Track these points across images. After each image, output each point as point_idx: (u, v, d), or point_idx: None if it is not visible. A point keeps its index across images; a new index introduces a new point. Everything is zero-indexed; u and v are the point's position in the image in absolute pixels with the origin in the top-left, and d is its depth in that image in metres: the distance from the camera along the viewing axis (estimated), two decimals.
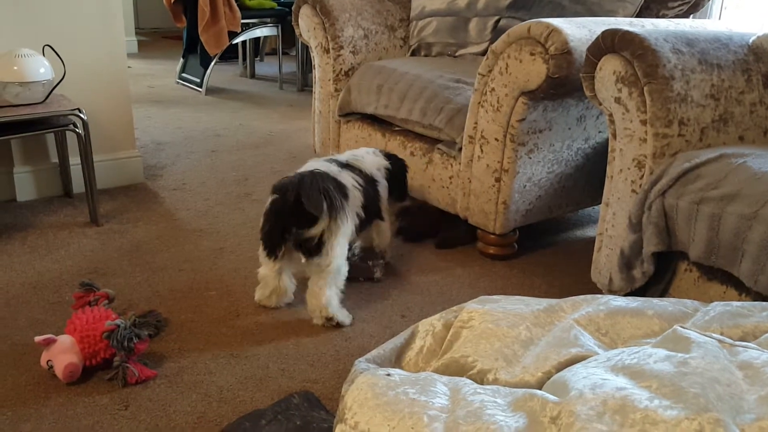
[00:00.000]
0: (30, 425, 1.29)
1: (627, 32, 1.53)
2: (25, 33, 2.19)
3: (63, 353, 1.39)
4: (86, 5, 2.28)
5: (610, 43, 1.55)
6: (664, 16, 2.26)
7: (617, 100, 1.56)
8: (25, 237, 2.06)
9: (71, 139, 2.30)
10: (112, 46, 2.37)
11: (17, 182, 2.32)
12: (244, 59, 4.90)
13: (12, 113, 1.97)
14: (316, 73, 2.58)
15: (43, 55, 2.08)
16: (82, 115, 2.04)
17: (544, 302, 1.14)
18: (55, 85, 2.08)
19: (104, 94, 2.39)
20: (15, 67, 2.01)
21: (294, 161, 2.91)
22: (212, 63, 4.14)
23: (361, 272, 1.89)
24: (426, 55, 2.59)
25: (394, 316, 1.73)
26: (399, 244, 2.12)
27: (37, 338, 1.41)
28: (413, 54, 2.62)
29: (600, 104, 1.63)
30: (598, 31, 1.62)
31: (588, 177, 2.10)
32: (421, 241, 2.16)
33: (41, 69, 2.05)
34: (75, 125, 2.07)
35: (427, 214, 2.22)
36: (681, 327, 0.94)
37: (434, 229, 2.18)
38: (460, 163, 2.04)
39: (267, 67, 5.23)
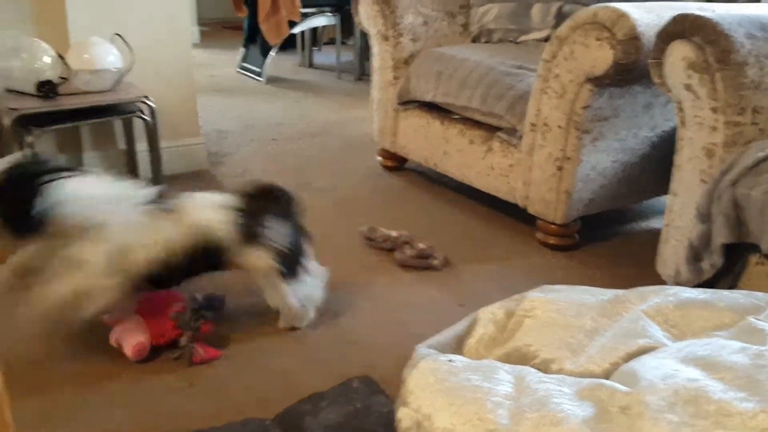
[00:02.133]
0: (100, 399, 1.34)
1: (699, 17, 1.48)
2: (96, 22, 2.25)
3: (132, 332, 1.44)
4: None
5: (680, 28, 1.50)
6: (734, 1, 2.18)
7: (687, 87, 1.51)
8: None
9: (138, 125, 2.36)
10: (178, 34, 2.43)
11: (86, 167, 2.40)
12: (302, 49, 4.94)
13: (83, 100, 2.04)
14: (375, 62, 2.58)
15: (113, 43, 2.14)
16: (150, 102, 2.10)
17: (609, 293, 1.12)
18: (124, 73, 2.14)
19: (170, 82, 2.45)
20: (86, 55, 2.08)
21: (351, 150, 2.93)
22: (272, 53, 4.19)
23: (420, 261, 1.89)
24: (487, 42, 2.56)
25: (452, 304, 1.72)
26: (455, 232, 2.11)
27: (107, 317, 1.46)
28: (474, 41, 2.60)
29: (669, 91, 1.58)
30: (667, 15, 1.57)
31: (653, 166, 2.05)
32: None
33: (110, 57, 2.11)
34: (142, 112, 2.13)
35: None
36: (755, 319, 0.91)
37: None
38: (520, 151, 2.01)
39: (324, 56, 5.27)
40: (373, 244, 2.01)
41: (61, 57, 2.10)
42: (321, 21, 4.50)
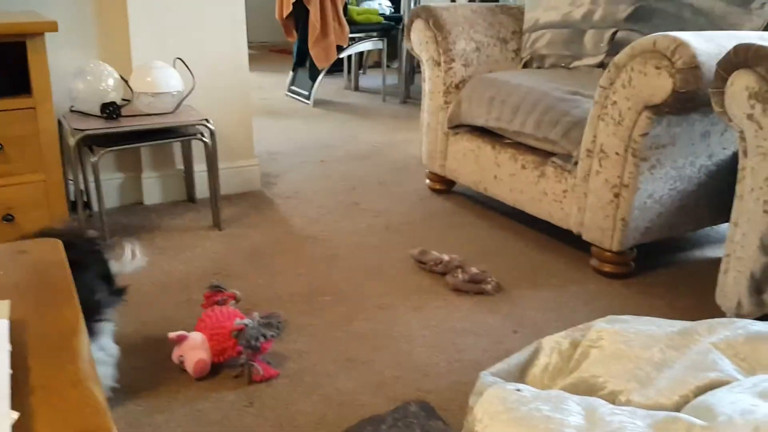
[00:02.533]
0: (163, 416, 1.37)
1: (762, 47, 1.47)
2: (158, 47, 2.33)
3: (194, 349, 1.47)
4: (213, 20, 2.41)
5: (743, 57, 1.49)
6: None
7: (749, 117, 1.50)
8: (152, 238, 2.19)
9: (196, 146, 2.43)
10: (236, 58, 2.49)
11: (145, 186, 2.47)
12: (349, 72, 5.01)
13: (145, 122, 2.11)
14: (426, 86, 2.61)
15: (174, 67, 2.21)
16: (210, 125, 2.15)
17: (677, 324, 1.12)
18: (185, 96, 2.20)
19: (227, 105, 2.52)
20: (148, 78, 2.15)
21: (399, 172, 2.95)
22: (320, 76, 4.26)
23: (472, 285, 1.89)
24: (539, 67, 2.57)
25: (506, 330, 1.72)
26: (508, 257, 2.11)
27: (171, 334, 1.50)
28: (525, 66, 2.61)
29: (730, 121, 1.57)
30: (727, 45, 1.56)
31: (710, 195, 2.02)
32: None
33: (172, 80, 2.18)
34: (202, 134, 2.19)
35: None
36: None
37: None
38: (575, 177, 2.01)
39: (370, 79, 5.33)
40: (424, 267, 2.02)
41: (124, 80, 2.17)
42: (368, 45, 4.56)
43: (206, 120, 2.15)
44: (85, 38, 2.31)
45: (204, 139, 2.18)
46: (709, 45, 1.71)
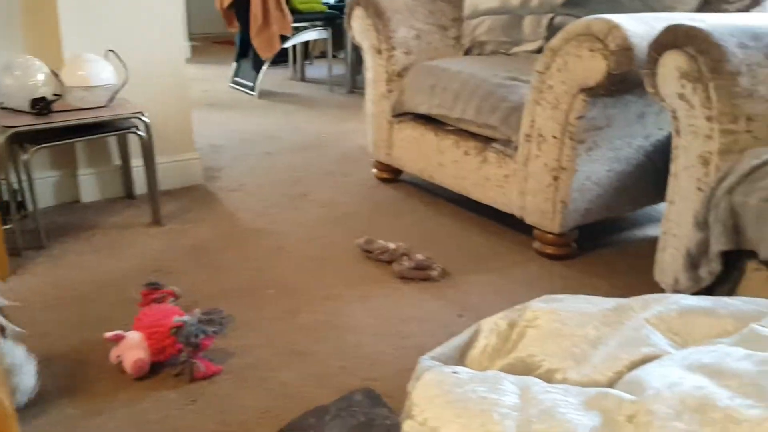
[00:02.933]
0: (101, 419, 1.33)
1: (691, 27, 1.49)
2: (90, 39, 2.26)
3: (132, 349, 1.44)
4: (148, 11, 2.34)
5: (672, 38, 1.52)
6: (725, 12, 2.20)
7: (681, 97, 1.53)
8: (90, 237, 2.12)
9: (132, 141, 2.36)
10: (172, 50, 2.43)
11: (81, 184, 2.40)
12: (294, 62, 4.96)
13: (77, 116, 2.04)
14: (369, 75, 2.59)
15: (107, 60, 2.14)
16: (144, 118, 2.10)
17: (612, 301, 1.13)
18: (118, 89, 2.14)
19: (164, 98, 2.46)
20: (80, 72, 2.08)
21: (346, 162, 2.93)
22: (264, 67, 4.21)
23: (418, 272, 1.89)
24: (479, 54, 2.58)
25: (451, 315, 1.73)
26: (453, 243, 2.12)
27: (107, 334, 1.45)
28: (466, 53, 2.62)
29: (662, 101, 1.60)
30: (659, 26, 1.59)
31: (648, 175, 2.06)
32: None
33: (104, 73, 2.11)
34: (137, 128, 2.13)
35: None
36: (758, 326, 0.92)
37: None
38: (516, 162, 2.02)
39: (316, 70, 5.29)
40: (370, 256, 2.02)
41: (54, 74, 2.10)
42: (312, 35, 4.52)
43: (141, 113, 2.09)
44: (12, 31, 2.22)
45: (139, 132, 2.12)
46: (641, 27, 1.74)
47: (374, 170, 2.73)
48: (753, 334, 0.89)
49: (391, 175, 2.68)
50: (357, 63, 4.61)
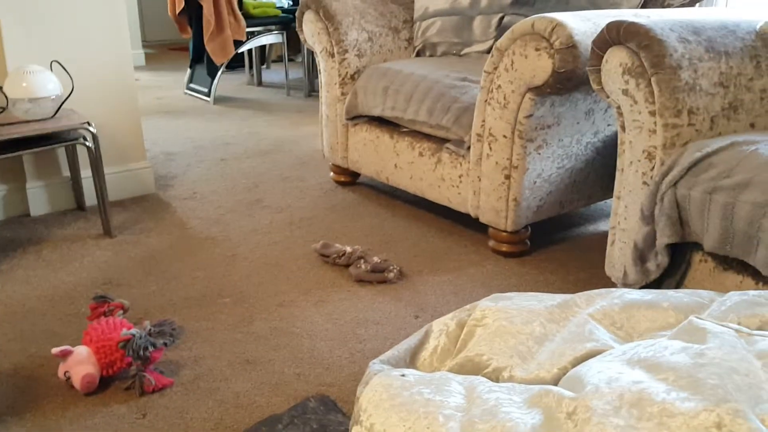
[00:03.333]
0: None
1: (632, 23, 1.52)
2: (33, 50, 2.20)
3: (80, 364, 1.40)
4: (92, 20, 2.30)
5: (615, 34, 1.54)
6: (669, 6, 2.24)
7: (625, 92, 1.55)
8: (39, 251, 2.07)
9: (82, 152, 2.31)
10: (119, 58, 2.39)
11: (30, 197, 2.34)
12: (251, 67, 4.92)
13: (22, 129, 1.99)
14: (322, 78, 2.58)
15: (51, 70, 2.10)
16: (91, 129, 2.05)
17: (558, 298, 1.14)
18: (63, 100, 2.09)
19: (113, 107, 2.41)
20: (24, 84, 2.03)
21: (303, 167, 2.92)
22: (219, 72, 4.16)
23: (375, 275, 1.89)
24: (431, 56, 2.59)
25: (407, 317, 1.73)
26: (409, 244, 2.12)
27: (54, 350, 1.42)
28: (418, 55, 2.62)
29: (607, 97, 1.62)
30: (603, 23, 1.61)
31: (598, 171, 2.09)
32: None
33: (49, 84, 2.06)
34: (85, 138, 2.09)
35: None
36: (697, 318, 0.93)
37: None
38: (469, 162, 2.03)
39: (273, 74, 5.25)
40: (327, 260, 2.00)
41: None
42: (268, 39, 4.49)
43: (87, 123, 2.05)
44: None
45: (87, 143, 2.08)
46: (585, 24, 1.76)
47: (331, 174, 2.72)
48: (691, 326, 0.90)
49: (349, 178, 2.67)
50: (314, 66, 4.59)
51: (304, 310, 1.75)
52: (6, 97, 2.04)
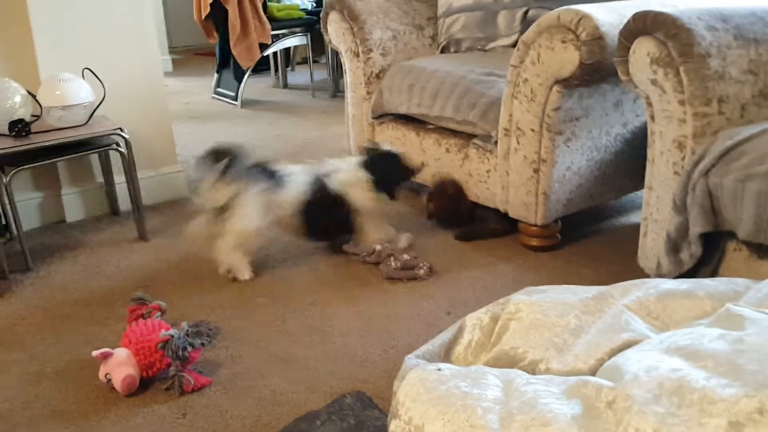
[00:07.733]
0: None
1: (659, 13, 1.50)
2: (65, 58, 2.25)
3: (120, 366, 1.43)
4: (120, 27, 2.34)
5: (642, 25, 1.53)
6: None
7: (653, 82, 1.54)
8: (76, 256, 2.12)
9: (115, 158, 2.36)
10: (148, 64, 2.43)
11: (65, 203, 2.39)
12: (276, 70, 4.96)
13: (56, 136, 2.03)
14: (348, 78, 2.60)
15: (83, 78, 2.14)
16: (124, 134, 2.09)
17: (592, 290, 1.13)
18: (96, 106, 2.14)
19: (144, 113, 2.45)
20: (57, 92, 2.08)
21: None
22: (246, 76, 4.20)
23: (405, 272, 1.90)
24: (455, 52, 2.59)
25: (439, 313, 1.73)
26: (438, 241, 2.12)
27: (95, 353, 1.45)
28: (442, 51, 2.62)
29: (636, 87, 1.60)
30: (629, 14, 1.60)
31: (628, 162, 2.07)
32: (452, 227, 2.20)
33: (82, 92, 2.11)
34: (118, 144, 2.13)
35: (457, 200, 2.19)
36: (734, 305, 0.93)
37: (463, 216, 2.19)
38: (496, 157, 2.03)
39: (298, 76, 5.28)
40: (357, 258, 2.02)
41: (31, 95, 2.09)
42: (292, 41, 4.52)
43: (120, 129, 2.09)
44: None
45: (120, 149, 2.12)
46: (611, 15, 1.75)
47: None
48: (728, 313, 0.89)
49: None
50: (338, 67, 4.61)
51: (336, 307, 1.77)
52: (40, 105, 2.09)
